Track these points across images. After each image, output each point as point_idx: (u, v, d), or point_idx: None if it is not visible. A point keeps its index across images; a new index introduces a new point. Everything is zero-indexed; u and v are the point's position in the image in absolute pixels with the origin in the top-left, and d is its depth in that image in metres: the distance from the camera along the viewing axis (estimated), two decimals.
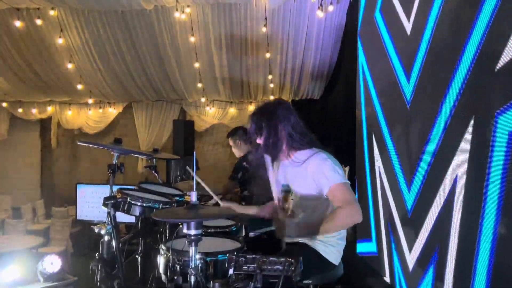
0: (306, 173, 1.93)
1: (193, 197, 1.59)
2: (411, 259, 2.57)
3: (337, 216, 1.82)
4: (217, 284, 1.42)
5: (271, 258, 1.40)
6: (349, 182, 1.92)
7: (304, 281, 1.92)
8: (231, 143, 3.94)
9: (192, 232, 1.49)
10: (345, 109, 5.39)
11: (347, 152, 4.28)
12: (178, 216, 1.63)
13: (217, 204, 2.37)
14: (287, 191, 1.98)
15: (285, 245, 1.91)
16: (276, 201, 2.18)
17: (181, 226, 2.05)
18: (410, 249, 2.58)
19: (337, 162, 1.94)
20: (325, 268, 2.00)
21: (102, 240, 2.07)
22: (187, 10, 5.30)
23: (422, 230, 2.41)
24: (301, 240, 2.04)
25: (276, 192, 2.18)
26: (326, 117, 6.65)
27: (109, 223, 2.04)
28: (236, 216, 3.22)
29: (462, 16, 2.02)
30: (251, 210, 2.37)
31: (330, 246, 2.00)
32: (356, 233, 3.90)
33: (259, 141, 2.03)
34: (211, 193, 2.30)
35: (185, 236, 1.52)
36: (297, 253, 1.88)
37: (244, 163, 3.73)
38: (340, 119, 5.64)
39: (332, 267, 2.01)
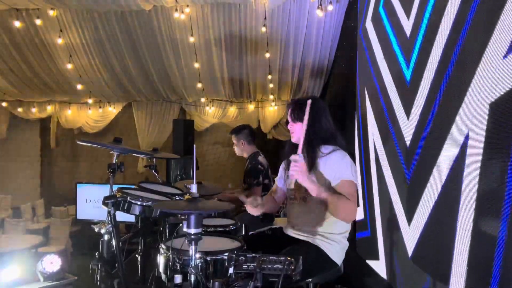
0: (325, 165, 2.01)
1: (193, 189, 1.60)
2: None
3: (343, 201, 1.86)
4: (217, 283, 1.42)
5: (271, 257, 1.40)
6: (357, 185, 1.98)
7: (304, 280, 1.92)
8: (234, 140, 3.83)
9: (192, 231, 1.49)
10: (345, 108, 5.39)
11: (346, 152, 4.26)
12: (180, 207, 1.63)
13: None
14: None
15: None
16: (289, 187, 2.19)
17: (181, 225, 2.05)
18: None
19: (353, 163, 2.03)
20: (327, 267, 2.00)
21: (102, 239, 2.08)
22: (187, 10, 5.30)
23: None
24: (303, 237, 2.04)
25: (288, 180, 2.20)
26: None
27: (109, 222, 2.04)
28: (236, 215, 3.22)
29: None
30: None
31: (333, 243, 2.00)
32: (355, 230, 3.90)
33: (295, 126, 2.11)
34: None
35: (185, 235, 1.53)
36: (299, 251, 1.90)
37: (259, 166, 3.66)
38: (339, 119, 5.63)
39: (335, 266, 2.02)
